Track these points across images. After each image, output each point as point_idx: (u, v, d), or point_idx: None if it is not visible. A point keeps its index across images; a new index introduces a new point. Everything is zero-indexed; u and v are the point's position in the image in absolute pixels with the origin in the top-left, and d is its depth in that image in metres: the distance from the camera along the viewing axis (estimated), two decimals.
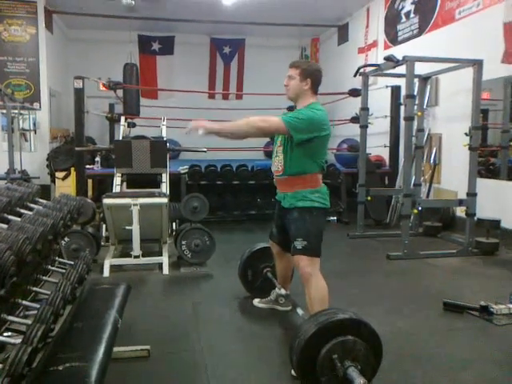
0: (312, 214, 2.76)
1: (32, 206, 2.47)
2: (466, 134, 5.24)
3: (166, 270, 4.39)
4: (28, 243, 1.73)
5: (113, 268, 4.35)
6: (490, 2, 5.54)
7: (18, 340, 1.59)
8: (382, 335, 2.20)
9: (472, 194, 5.11)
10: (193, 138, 9.55)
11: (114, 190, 4.96)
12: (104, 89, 8.36)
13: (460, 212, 5.74)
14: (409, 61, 4.89)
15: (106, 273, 4.27)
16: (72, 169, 6.93)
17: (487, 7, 5.59)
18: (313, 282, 2.70)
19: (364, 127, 6.13)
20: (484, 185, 5.39)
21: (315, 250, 2.74)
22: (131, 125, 7.93)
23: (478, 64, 4.97)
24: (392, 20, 7.91)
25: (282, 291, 3.31)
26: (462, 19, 6.08)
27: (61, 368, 1.59)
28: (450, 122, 6.31)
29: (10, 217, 2.15)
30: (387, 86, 7.17)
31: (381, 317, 3.27)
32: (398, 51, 6.92)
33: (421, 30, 7.06)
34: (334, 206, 6.81)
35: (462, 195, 5.32)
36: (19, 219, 2.11)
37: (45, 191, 6.57)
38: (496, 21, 5.29)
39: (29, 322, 1.74)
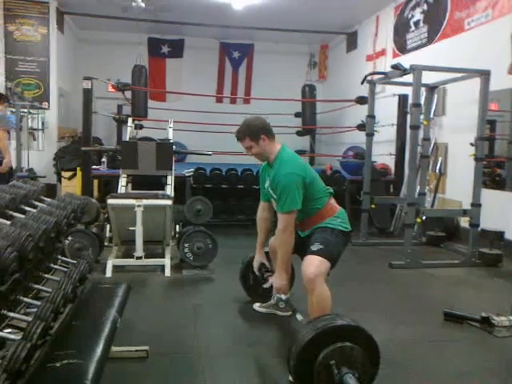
0: (334, 231, 2.82)
1: (36, 203, 2.49)
2: (471, 144, 5.23)
3: (167, 272, 4.40)
4: (30, 240, 1.75)
5: (115, 268, 4.37)
6: (499, 13, 5.54)
7: (18, 336, 1.61)
8: (380, 343, 2.19)
9: (476, 205, 5.10)
10: (198, 141, 9.63)
11: (118, 191, 4.99)
12: (113, 90, 8.42)
13: (464, 222, 5.73)
14: (416, 70, 4.89)
15: (109, 273, 4.28)
16: (78, 169, 6.97)
17: (496, 18, 5.59)
18: (317, 289, 2.62)
19: (370, 135, 6.13)
20: (489, 196, 5.37)
21: (330, 255, 2.70)
22: (138, 126, 7.98)
23: (485, 74, 4.97)
24: (401, 28, 7.93)
25: (283, 296, 3.30)
26: (471, 29, 6.09)
27: (58, 365, 1.60)
28: (457, 131, 6.30)
29: (13, 214, 2.18)
30: (394, 95, 7.18)
31: (380, 325, 3.26)
32: (407, 60, 6.95)
33: (429, 40, 7.07)
34: None
35: (467, 205, 5.30)
36: (23, 216, 2.13)
37: (51, 190, 6.65)
38: (505, 32, 5.29)
39: (29, 318, 1.75)
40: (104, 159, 7.08)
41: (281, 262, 2.89)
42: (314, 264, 2.65)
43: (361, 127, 7.51)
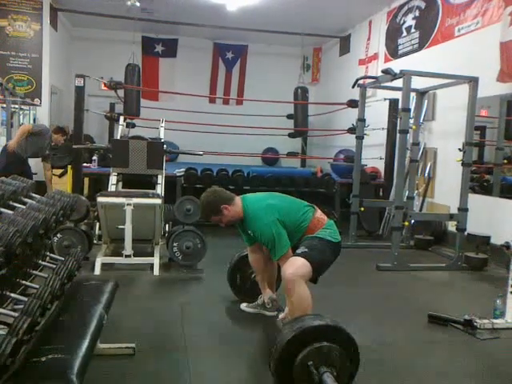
0: (322, 240, 2.88)
1: (25, 200, 2.51)
2: (459, 149, 5.30)
3: (156, 271, 4.42)
4: (18, 236, 1.77)
5: (104, 266, 4.38)
6: (488, 21, 5.62)
7: (4, 332, 1.62)
8: (364, 344, 2.23)
9: (463, 209, 5.16)
10: (190, 141, 9.63)
11: (109, 189, 5.00)
12: (105, 88, 8.41)
13: (452, 226, 5.79)
14: (405, 75, 4.96)
15: (97, 271, 4.29)
16: (69, 166, 6.95)
17: (486, 26, 5.67)
18: (295, 290, 2.65)
19: (360, 138, 6.19)
20: (476, 201, 5.44)
21: (313, 259, 2.71)
22: (130, 125, 7.97)
23: (473, 81, 5.04)
24: (393, 34, 8.00)
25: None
26: (461, 36, 6.17)
27: (43, 359, 1.62)
28: (446, 137, 6.37)
29: (2, 210, 2.19)
30: (385, 99, 7.24)
31: (365, 326, 3.31)
32: (398, 65, 7.01)
33: (421, 45, 7.14)
34: (328, 216, 6.85)
35: (455, 210, 5.36)
36: (11, 212, 2.15)
37: (42, 188, 6.62)
38: (494, 39, 5.37)
39: (16, 314, 1.77)
40: (95, 157, 7.08)
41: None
42: (294, 265, 2.68)
43: (351, 130, 7.57)
